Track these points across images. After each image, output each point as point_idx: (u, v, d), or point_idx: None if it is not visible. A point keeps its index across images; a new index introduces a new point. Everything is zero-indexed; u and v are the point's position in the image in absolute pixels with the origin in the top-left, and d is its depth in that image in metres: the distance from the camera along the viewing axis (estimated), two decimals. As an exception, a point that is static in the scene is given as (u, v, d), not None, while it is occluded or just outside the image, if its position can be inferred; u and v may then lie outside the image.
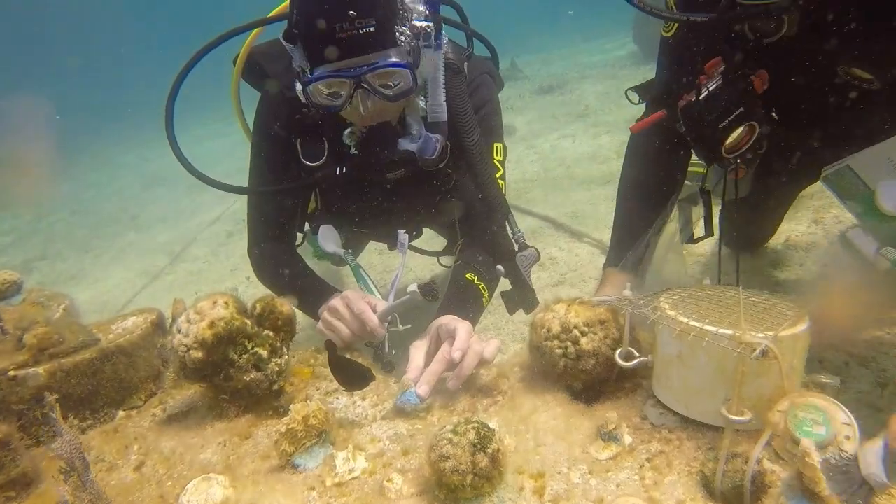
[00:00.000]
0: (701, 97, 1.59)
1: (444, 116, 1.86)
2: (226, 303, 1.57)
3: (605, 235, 3.81)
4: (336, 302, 1.76)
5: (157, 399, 1.73)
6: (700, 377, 1.20)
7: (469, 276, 2.00)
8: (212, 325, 1.51)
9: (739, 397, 1.10)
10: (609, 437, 1.24)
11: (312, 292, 1.96)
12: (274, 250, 2.15)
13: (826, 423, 1.06)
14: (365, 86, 1.68)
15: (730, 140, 1.59)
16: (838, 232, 2.38)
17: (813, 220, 3.01)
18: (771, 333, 1.13)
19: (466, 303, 1.93)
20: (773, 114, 1.64)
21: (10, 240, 7.93)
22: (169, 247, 6.00)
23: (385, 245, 3.08)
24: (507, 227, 2.02)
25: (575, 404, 1.40)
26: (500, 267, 1.94)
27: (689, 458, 1.18)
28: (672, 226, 1.88)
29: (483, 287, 2.00)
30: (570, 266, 3.53)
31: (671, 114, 1.71)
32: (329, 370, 1.55)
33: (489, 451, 1.13)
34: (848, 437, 1.04)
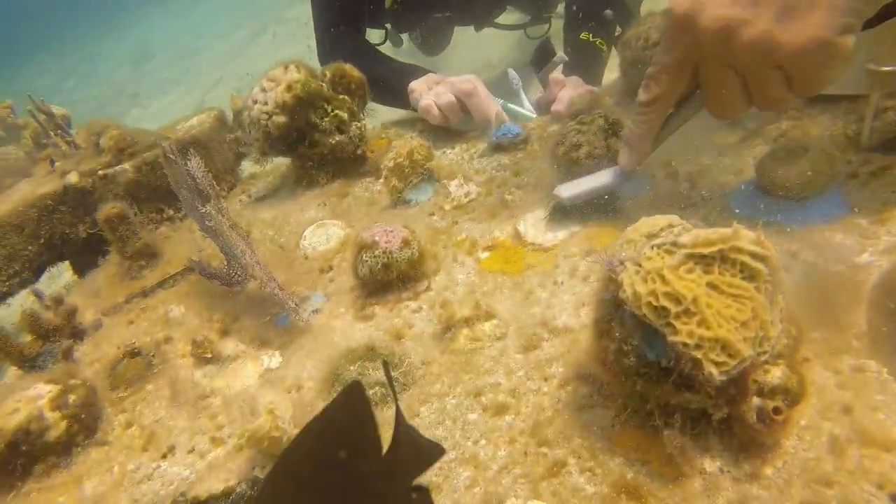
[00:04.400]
0: None
1: None
2: (297, 67, 1.49)
3: None
4: (466, 79, 1.55)
5: (240, 189, 1.70)
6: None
7: (583, 35, 1.90)
8: (289, 87, 1.43)
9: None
10: (733, 123, 1.19)
11: (397, 74, 1.78)
12: (345, 36, 2.01)
13: None
14: None
15: None
16: None
17: None
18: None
19: (586, 64, 1.86)
20: None
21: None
22: (177, 115, 5.82)
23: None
24: None
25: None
26: (608, 11, 1.83)
27: (827, 126, 1.13)
28: None
29: (600, 42, 1.92)
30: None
31: None
32: None
33: (622, 133, 1.08)
34: None
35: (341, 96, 1.52)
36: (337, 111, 1.49)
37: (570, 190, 1.04)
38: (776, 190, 0.94)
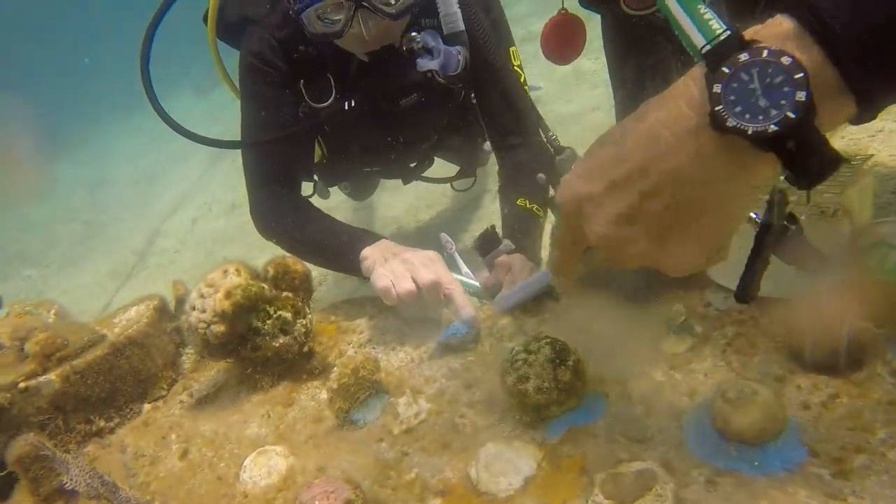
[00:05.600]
0: None
1: (462, 25, 1.74)
2: (237, 270, 1.45)
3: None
4: (427, 259, 1.53)
5: (181, 385, 1.61)
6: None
7: (520, 201, 1.90)
8: (228, 294, 1.39)
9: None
10: (681, 329, 1.18)
11: (345, 238, 1.76)
12: (284, 203, 1.93)
13: None
14: (365, 4, 1.55)
15: None
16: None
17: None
18: (837, 191, 1.07)
19: (524, 232, 1.85)
20: None
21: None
22: (133, 245, 5.73)
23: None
24: (541, 133, 1.94)
25: (630, 307, 1.33)
26: (541, 175, 1.85)
27: (770, 334, 1.12)
28: None
29: (536, 207, 1.91)
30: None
31: None
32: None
33: (569, 363, 1.05)
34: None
35: (284, 294, 1.48)
36: (280, 312, 1.44)
37: (506, 302, 1.33)
38: (731, 436, 0.91)
